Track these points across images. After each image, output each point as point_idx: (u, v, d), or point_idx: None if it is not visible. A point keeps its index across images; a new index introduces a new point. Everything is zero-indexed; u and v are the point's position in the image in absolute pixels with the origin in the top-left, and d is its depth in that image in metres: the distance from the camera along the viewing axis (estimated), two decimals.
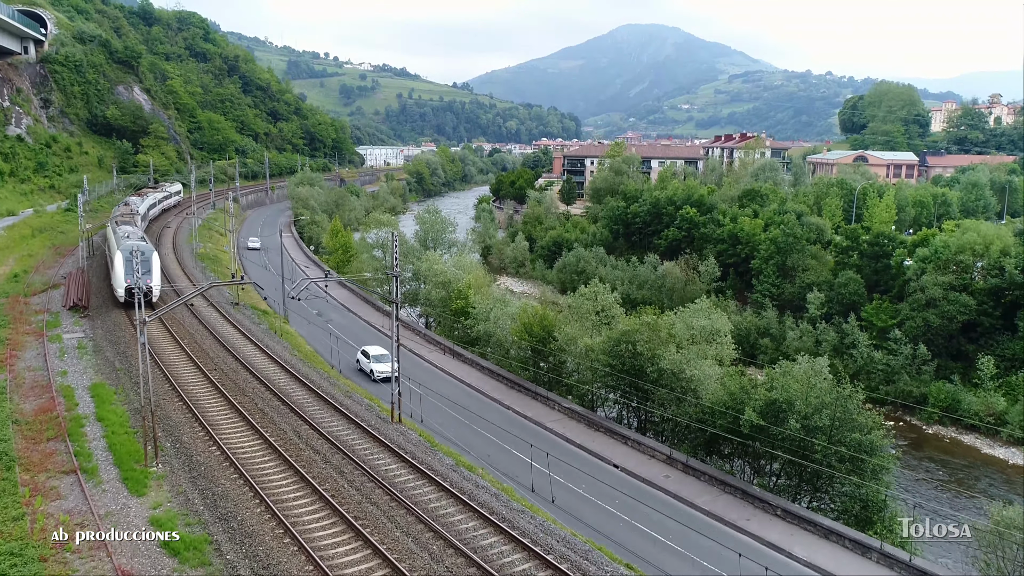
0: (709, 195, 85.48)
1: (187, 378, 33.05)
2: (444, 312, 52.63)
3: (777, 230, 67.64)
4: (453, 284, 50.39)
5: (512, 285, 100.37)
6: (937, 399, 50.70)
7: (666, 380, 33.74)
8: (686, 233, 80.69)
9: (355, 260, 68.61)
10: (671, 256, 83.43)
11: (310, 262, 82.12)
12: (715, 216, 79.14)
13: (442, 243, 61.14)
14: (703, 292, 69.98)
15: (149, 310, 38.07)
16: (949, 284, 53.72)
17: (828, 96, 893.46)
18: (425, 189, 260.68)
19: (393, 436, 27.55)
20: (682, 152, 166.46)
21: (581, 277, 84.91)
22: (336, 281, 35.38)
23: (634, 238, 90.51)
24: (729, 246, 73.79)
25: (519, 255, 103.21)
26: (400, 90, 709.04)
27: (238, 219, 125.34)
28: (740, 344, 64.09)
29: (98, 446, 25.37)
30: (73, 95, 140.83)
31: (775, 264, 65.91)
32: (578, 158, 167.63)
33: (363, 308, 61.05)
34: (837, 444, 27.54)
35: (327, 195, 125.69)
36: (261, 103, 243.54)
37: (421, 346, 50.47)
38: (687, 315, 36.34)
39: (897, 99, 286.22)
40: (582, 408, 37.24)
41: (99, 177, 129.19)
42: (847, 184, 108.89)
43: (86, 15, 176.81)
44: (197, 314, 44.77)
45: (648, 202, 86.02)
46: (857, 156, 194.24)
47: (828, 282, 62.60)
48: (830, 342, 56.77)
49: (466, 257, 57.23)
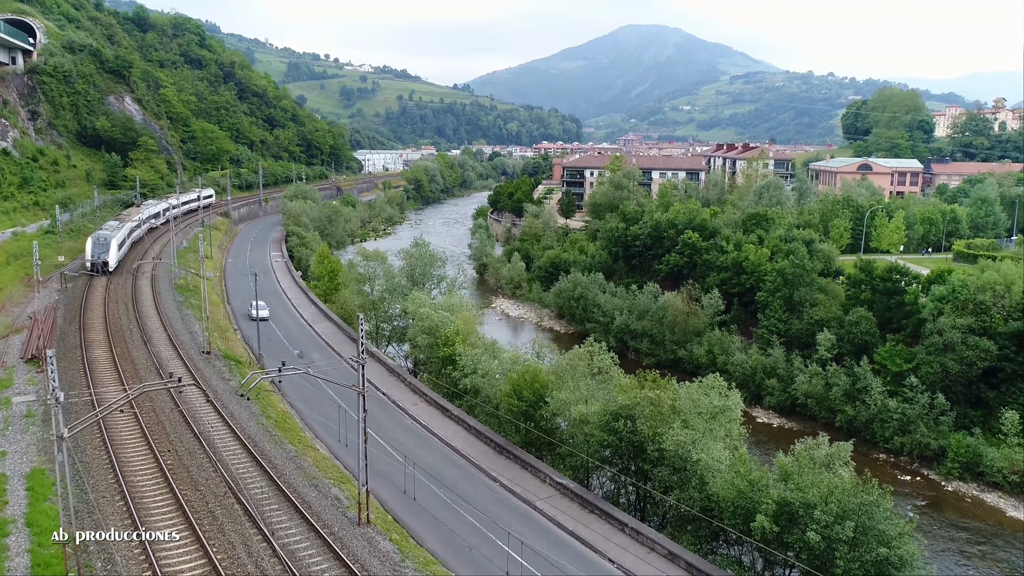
0: (712, 218, 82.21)
1: (136, 464, 29.95)
2: (431, 357, 49.47)
3: (785, 261, 64.39)
4: (440, 330, 47.24)
5: (508, 307, 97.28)
6: (957, 453, 47.50)
7: (669, 461, 30.52)
8: (688, 259, 77.46)
9: (343, 290, 65.42)
10: (672, 282, 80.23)
11: (297, 289, 78.94)
12: (718, 242, 75.91)
13: (431, 278, 57.92)
14: (706, 326, 66.92)
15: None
16: (968, 327, 50.47)
17: (830, 97, 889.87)
18: (424, 196, 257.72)
19: (357, 549, 24.44)
20: (683, 163, 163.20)
21: (579, 303, 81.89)
22: (293, 373, 32.48)
23: (634, 261, 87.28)
24: (733, 275, 70.56)
25: (515, 276, 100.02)
26: (400, 92, 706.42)
27: (228, 235, 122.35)
28: (745, 384, 61.06)
29: (19, 565, 22.24)
30: (62, 106, 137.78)
31: (782, 298, 62.67)
32: (577, 169, 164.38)
33: (347, 347, 57.83)
34: (862, 559, 24.32)
35: (320, 210, 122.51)
36: (258, 110, 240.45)
37: (406, 396, 47.32)
38: (696, 391, 32.72)
39: (901, 104, 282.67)
40: (575, 485, 34.06)
41: (87, 192, 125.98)
42: (854, 201, 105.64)
43: (77, 23, 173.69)
44: (162, 369, 41.66)
45: (649, 225, 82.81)
46: (861, 164, 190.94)
47: (838, 319, 59.36)
48: (841, 386, 53.56)
49: (455, 296, 54.01)
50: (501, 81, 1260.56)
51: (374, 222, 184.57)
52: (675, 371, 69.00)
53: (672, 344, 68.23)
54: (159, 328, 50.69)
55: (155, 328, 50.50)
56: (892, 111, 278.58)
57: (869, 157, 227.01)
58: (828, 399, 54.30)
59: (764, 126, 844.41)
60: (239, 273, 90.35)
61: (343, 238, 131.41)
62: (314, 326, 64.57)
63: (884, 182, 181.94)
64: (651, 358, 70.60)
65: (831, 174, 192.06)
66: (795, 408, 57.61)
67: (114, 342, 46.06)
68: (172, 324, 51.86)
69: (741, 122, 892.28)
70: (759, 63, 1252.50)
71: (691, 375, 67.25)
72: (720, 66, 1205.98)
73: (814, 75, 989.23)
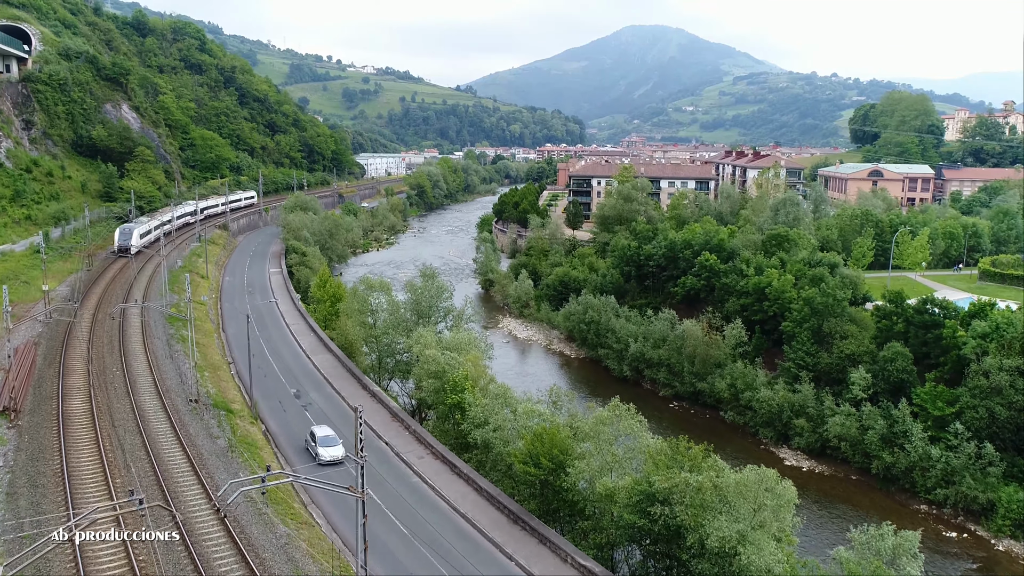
0: (729, 238, 78.46)
1: None
2: (438, 403, 45.86)
3: (812, 289, 60.66)
4: (448, 374, 43.61)
5: (516, 328, 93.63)
6: (1008, 508, 43.78)
7: (711, 556, 26.81)
8: (705, 282, 73.78)
9: (343, 318, 61.83)
10: (688, 306, 76.59)
11: (296, 314, 75.43)
12: (737, 264, 72.19)
13: (437, 311, 54.29)
14: (727, 356, 63.22)
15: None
16: (1017, 369, 46.73)
17: (834, 98, 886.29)
18: (426, 202, 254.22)
19: None
20: (692, 172, 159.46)
21: (591, 328, 78.22)
22: (277, 484, 28.93)
23: (647, 282, 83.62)
24: (754, 300, 66.81)
25: (523, 295, 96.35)
26: (403, 93, 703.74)
27: (226, 249, 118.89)
28: (771, 422, 57.51)
29: None
30: (57, 115, 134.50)
31: (810, 329, 58.94)
32: (584, 178, 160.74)
33: (347, 383, 54.28)
34: None
35: (320, 223, 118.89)
36: (258, 115, 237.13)
37: (410, 446, 43.70)
38: (745, 479, 27.96)
39: (910, 108, 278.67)
40: (602, 570, 30.33)
41: (82, 204, 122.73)
42: (872, 215, 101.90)
43: (74, 29, 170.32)
44: (144, 426, 37.99)
45: (663, 245, 79.09)
46: (872, 171, 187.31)
47: (870, 353, 55.64)
48: (878, 430, 49.83)
49: (463, 332, 50.34)
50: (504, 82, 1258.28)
51: (376, 231, 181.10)
52: (694, 404, 65.44)
53: (691, 376, 64.55)
54: (145, 370, 47.09)
55: (141, 370, 46.92)
56: (901, 115, 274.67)
57: (879, 162, 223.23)
58: (863, 443, 50.61)
59: (767, 127, 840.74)
60: (237, 293, 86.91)
61: (344, 252, 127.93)
62: (312, 357, 61.06)
63: (895, 189, 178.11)
64: (668, 389, 66.97)
65: (841, 181, 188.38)
66: (826, 450, 53.94)
67: (95, 389, 42.56)
68: (160, 364, 48.30)
69: (744, 123, 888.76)
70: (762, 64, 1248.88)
71: (712, 409, 63.79)
72: (723, 67, 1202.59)
73: (817, 76, 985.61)
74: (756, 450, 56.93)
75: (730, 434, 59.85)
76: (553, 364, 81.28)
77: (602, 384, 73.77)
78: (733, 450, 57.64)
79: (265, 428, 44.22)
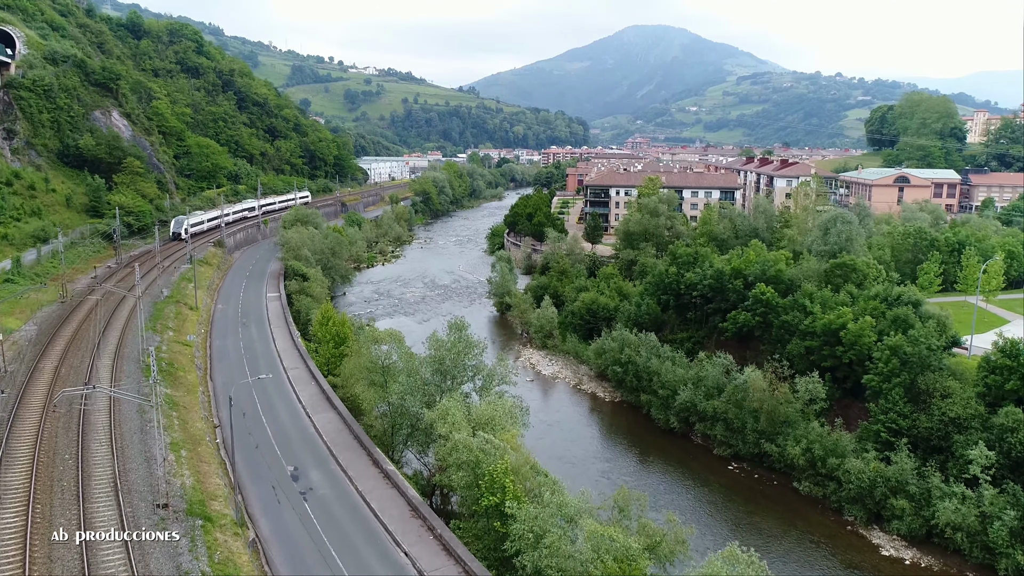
0: (787, 266, 69.16)
1: None
2: (469, 498, 36.73)
3: (898, 336, 51.47)
4: (483, 466, 34.56)
5: (539, 361, 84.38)
6: None
7: None
8: (761, 318, 64.61)
9: (349, 366, 52.69)
10: (740, 344, 67.42)
11: (295, 354, 66.35)
12: (799, 299, 63.01)
13: (466, 371, 45.09)
14: (799, 413, 54.02)
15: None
16: None
17: (839, 98, 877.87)
18: (432, 209, 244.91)
19: None
20: (716, 181, 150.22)
21: (628, 369, 69.00)
22: None
23: (689, 314, 74.48)
24: (823, 344, 57.65)
25: (546, 324, 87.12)
26: (406, 95, 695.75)
27: (221, 269, 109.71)
28: (860, 498, 48.26)
29: None
30: (41, 123, 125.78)
31: (902, 385, 49.74)
32: (602, 187, 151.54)
33: (355, 457, 45.20)
34: None
35: (322, 240, 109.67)
36: (258, 120, 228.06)
37: (436, 558, 34.63)
38: None
39: (931, 110, 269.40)
40: None
41: (67, 219, 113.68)
42: (927, 234, 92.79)
43: (62, 32, 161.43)
44: (88, 560, 28.68)
45: (710, 275, 69.85)
46: (898, 176, 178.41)
47: (979, 416, 46.49)
48: (1006, 523, 40.66)
49: (498, 401, 41.11)
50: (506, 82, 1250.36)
51: (381, 243, 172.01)
52: (758, 466, 56.25)
53: (754, 434, 55.34)
54: (106, 457, 37.85)
55: (100, 458, 37.57)
56: (922, 117, 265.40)
57: (900, 166, 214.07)
58: (985, 536, 41.45)
59: (772, 127, 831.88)
60: (230, 326, 77.78)
61: (348, 271, 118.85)
62: (313, 417, 51.99)
63: (924, 195, 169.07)
64: (727, 448, 57.76)
65: (864, 187, 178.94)
66: (933, 538, 44.78)
67: (37, 489, 33.57)
68: (125, 450, 39.02)
69: (749, 123, 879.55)
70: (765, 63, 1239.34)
71: (781, 474, 54.56)
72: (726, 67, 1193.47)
73: (822, 76, 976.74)
74: (842, 532, 47.80)
75: (807, 509, 50.68)
76: (583, 408, 72.14)
77: (644, 435, 64.69)
78: (811, 529, 48.61)
79: (254, 536, 35.12)
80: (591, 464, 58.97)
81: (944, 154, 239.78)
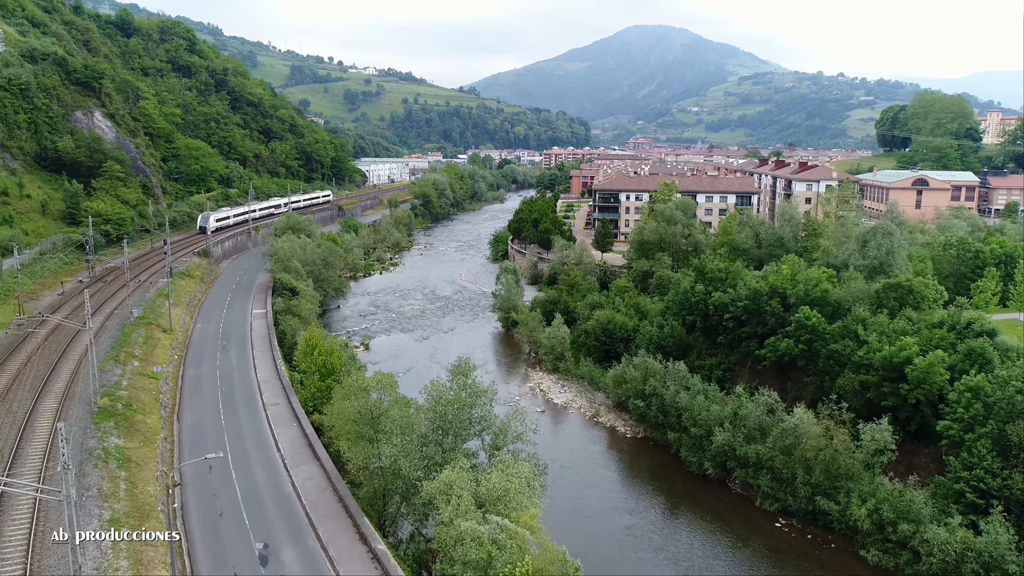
0: (832, 286, 61.35)
1: None
2: None
3: (978, 376, 43.79)
4: (496, 566, 26.91)
5: (551, 388, 76.52)
6: None
7: None
8: (805, 346, 56.93)
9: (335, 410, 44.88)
10: (779, 374, 59.79)
11: (277, 386, 58.63)
12: (849, 325, 55.32)
13: (472, 427, 37.27)
14: (863, 466, 46.22)
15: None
16: None
17: (841, 98, 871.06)
18: (432, 213, 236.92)
19: None
20: (732, 185, 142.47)
21: (653, 402, 61.27)
22: None
23: (720, 338, 66.73)
24: (881, 379, 50.01)
25: (557, 345, 79.36)
26: (406, 95, 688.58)
27: (204, 282, 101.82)
28: (946, 573, 40.52)
29: None
30: (17, 125, 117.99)
31: (988, 436, 42.02)
32: (611, 192, 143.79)
33: (339, 530, 37.46)
34: None
35: (315, 250, 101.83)
36: (252, 120, 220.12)
37: None
38: None
39: (946, 110, 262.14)
40: None
41: (41, 227, 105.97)
42: (971, 245, 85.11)
43: (43, 28, 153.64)
44: None
45: (744, 295, 62.12)
46: (916, 179, 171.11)
47: None
48: None
49: (515, 466, 33.31)
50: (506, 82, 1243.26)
51: (379, 249, 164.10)
52: (812, 525, 48.43)
53: (807, 488, 47.57)
54: (19, 559, 30.05)
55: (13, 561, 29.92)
56: (936, 117, 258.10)
57: (915, 168, 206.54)
58: None
59: (774, 127, 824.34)
60: (208, 349, 70.01)
61: (342, 284, 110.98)
62: (292, 471, 44.29)
63: (943, 198, 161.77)
64: (774, 502, 49.91)
65: (881, 190, 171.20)
66: None
67: None
68: (47, 534, 31.27)
69: (751, 124, 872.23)
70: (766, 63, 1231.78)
71: (842, 536, 46.74)
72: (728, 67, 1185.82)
73: (824, 76, 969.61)
74: None
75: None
76: (601, 446, 64.27)
77: (672, 480, 56.87)
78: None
79: None
80: (612, 517, 51.26)
81: (960, 155, 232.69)
